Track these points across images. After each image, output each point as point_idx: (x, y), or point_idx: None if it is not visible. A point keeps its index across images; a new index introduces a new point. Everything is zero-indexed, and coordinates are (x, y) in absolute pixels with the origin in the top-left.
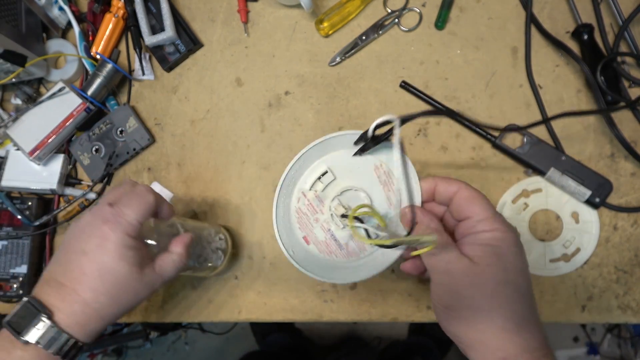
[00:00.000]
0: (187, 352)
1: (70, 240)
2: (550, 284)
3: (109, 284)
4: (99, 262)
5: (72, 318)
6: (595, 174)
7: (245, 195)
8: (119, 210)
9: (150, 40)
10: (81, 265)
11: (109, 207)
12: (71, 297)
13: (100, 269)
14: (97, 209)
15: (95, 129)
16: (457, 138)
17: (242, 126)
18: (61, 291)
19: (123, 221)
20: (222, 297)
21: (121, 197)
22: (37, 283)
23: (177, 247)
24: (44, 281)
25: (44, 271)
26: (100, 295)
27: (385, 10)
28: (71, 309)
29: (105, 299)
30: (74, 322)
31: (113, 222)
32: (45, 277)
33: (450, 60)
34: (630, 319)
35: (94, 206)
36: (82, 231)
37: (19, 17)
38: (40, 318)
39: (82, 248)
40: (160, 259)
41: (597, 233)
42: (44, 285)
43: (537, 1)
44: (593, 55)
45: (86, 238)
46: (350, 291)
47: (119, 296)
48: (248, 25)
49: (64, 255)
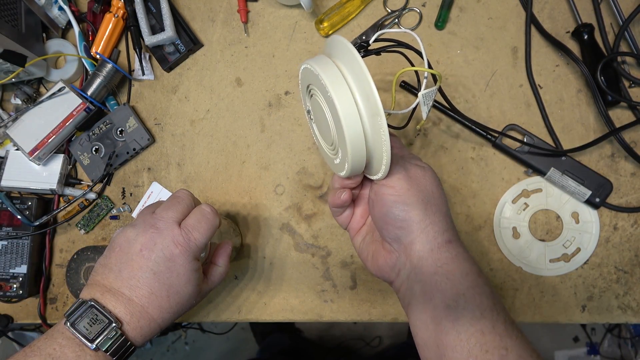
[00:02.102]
0: (187, 352)
1: (131, 252)
2: (550, 284)
3: (174, 303)
4: (168, 285)
5: (138, 331)
6: (595, 174)
7: (245, 195)
8: (189, 234)
9: (150, 40)
10: (151, 286)
11: (178, 229)
12: (140, 314)
13: (169, 289)
14: (165, 227)
15: (95, 129)
16: (457, 138)
17: (242, 126)
18: (129, 307)
19: (193, 245)
20: (222, 297)
21: (188, 217)
22: (92, 285)
23: (223, 259)
24: (104, 289)
25: (97, 275)
26: (166, 313)
27: (385, 10)
28: (139, 324)
29: (169, 316)
30: (139, 334)
31: (183, 246)
32: (105, 285)
33: (450, 60)
34: (630, 319)
35: (151, 217)
36: (147, 247)
37: (19, 17)
38: (113, 329)
39: (150, 267)
40: (211, 274)
41: (597, 233)
42: (105, 293)
43: (537, 1)
44: (593, 55)
45: (155, 258)
46: (350, 291)
47: (180, 311)
48: (248, 25)
49: (125, 267)
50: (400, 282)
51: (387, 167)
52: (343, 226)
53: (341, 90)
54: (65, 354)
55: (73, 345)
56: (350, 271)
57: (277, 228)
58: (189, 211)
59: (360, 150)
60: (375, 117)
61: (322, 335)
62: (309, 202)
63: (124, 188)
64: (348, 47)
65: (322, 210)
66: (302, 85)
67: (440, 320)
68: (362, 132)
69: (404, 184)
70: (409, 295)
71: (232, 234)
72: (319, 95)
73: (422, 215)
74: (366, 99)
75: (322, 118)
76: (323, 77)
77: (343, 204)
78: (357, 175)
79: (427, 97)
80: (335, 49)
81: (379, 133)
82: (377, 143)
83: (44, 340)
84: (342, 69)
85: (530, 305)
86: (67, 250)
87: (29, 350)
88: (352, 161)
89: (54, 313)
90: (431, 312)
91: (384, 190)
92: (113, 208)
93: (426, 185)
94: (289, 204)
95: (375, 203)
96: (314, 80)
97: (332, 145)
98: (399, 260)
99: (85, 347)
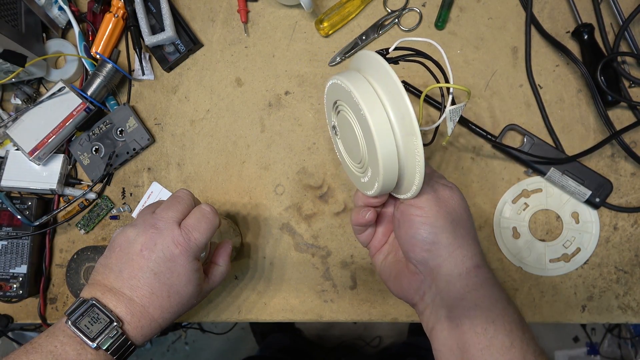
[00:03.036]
0: (187, 352)
1: (131, 252)
2: (550, 284)
3: (175, 303)
4: (169, 285)
5: (139, 330)
6: (595, 174)
7: (245, 195)
8: (190, 235)
9: (150, 40)
10: (151, 286)
11: (178, 229)
12: (141, 314)
13: (169, 289)
14: (165, 226)
15: (95, 129)
16: (457, 138)
17: (242, 126)
18: (130, 306)
19: (193, 245)
20: (222, 297)
21: (188, 217)
22: (93, 284)
23: (223, 259)
24: (105, 288)
25: (98, 275)
26: (167, 313)
27: (385, 10)
28: (139, 323)
29: (169, 316)
30: (139, 334)
31: (184, 246)
32: (106, 285)
33: (451, 60)
34: (630, 319)
35: (152, 217)
36: (147, 247)
37: (19, 17)
38: (114, 328)
39: (150, 267)
40: (212, 273)
41: (597, 233)
42: (106, 292)
43: (537, 1)
44: (593, 55)
45: (155, 258)
46: (350, 291)
47: (181, 311)
48: (248, 25)
49: (126, 267)
50: (424, 306)
51: (419, 188)
52: (364, 244)
53: (375, 108)
54: (67, 351)
55: (74, 343)
56: (350, 271)
57: (277, 228)
58: (189, 211)
59: (393, 171)
60: (411, 137)
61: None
62: (309, 202)
63: (124, 188)
64: (382, 63)
65: (322, 210)
66: (328, 101)
67: (468, 348)
68: (396, 152)
69: (433, 205)
70: (434, 320)
71: (232, 233)
72: (349, 112)
73: (450, 238)
74: (401, 118)
75: (351, 135)
76: (356, 95)
77: (367, 223)
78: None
79: (454, 113)
80: (367, 64)
81: (413, 153)
82: (410, 163)
83: (44, 338)
84: (374, 85)
85: (530, 305)
86: (67, 250)
87: (30, 347)
88: (384, 181)
89: (54, 313)
90: (458, 339)
91: (411, 211)
92: (113, 208)
93: (455, 207)
94: (289, 204)
95: (402, 223)
96: (344, 96)
97: (360, 163)
98: (424, 283)
99: (86, 346)
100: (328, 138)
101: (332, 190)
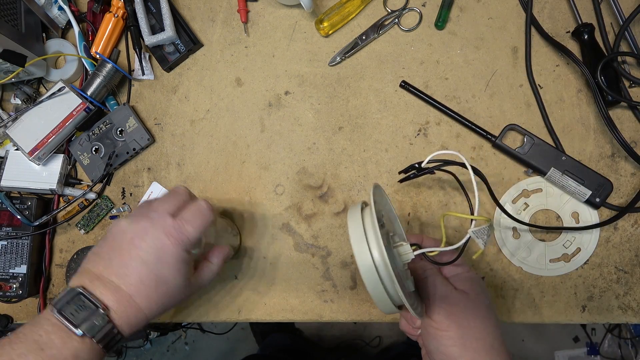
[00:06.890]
0: (186, 352)
1: (123, 241)
2: (550, 284)
3: (162, 293)
4: (157, 275)
5: (125, 319)
6: (595, 174)
7: (245, 195)
8: (182, 226)
9: (150, 40)
10: (140, 274)
11: (171, 220)
12: (127, 302)
13: (157, 280)
14: (158, 217)
15: (95, 129)
16: (457, 138)
17: (242, 126)
18: (117, 294)
19: (185, 237)
20: (222, 297)
21: (183, 210)
22: (82, 272)
23: (218, 259)
24: (94, 276)
25: (88, 263)
26: (153, 304)
27: (385, 10)
28: (125, 312)
29: (156, 307)
30: (125, 322)
31: (175, 237)
32: (95, 272)
33: (451, 60)
34: (630, 319)
35: (147, 209)
36: (138, 236)
37: (19, 17)
38: (100, 315)
39: (140, 256)
40: (202, 270)
41: (597, 233)
42: (94, 280)
43: (537, 1)
44: (593, 54)
45: (145, 247)
46: (350, 291)
47: (168, 303)
48: (248, 25)
49: (116, 255)
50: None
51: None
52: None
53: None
54: (52, 340)
55: (59, 331)
56: (350, 271)
57: (277, 228)
58: (185, 206)
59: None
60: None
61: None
62: (309, 202)
63: (123, 188)
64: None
65: (322, 210)
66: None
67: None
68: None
69: (443, 319)
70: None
71: (230, 233)
72: None
73: (460, 350)
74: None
75: None
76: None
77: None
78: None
79: (478, 234)
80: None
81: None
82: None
83: (29, 327)
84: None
85: (530, 305)
86: (67, 250)
87: (14, 337)
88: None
89: None
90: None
91: (427, 322)
92: (113, 208)
93: (467, 319)
94: (289, 204)
95: (423, 330)
96: None
97: None
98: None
99: (72, 334)
100: (328, 138)
101: (332, 190)
